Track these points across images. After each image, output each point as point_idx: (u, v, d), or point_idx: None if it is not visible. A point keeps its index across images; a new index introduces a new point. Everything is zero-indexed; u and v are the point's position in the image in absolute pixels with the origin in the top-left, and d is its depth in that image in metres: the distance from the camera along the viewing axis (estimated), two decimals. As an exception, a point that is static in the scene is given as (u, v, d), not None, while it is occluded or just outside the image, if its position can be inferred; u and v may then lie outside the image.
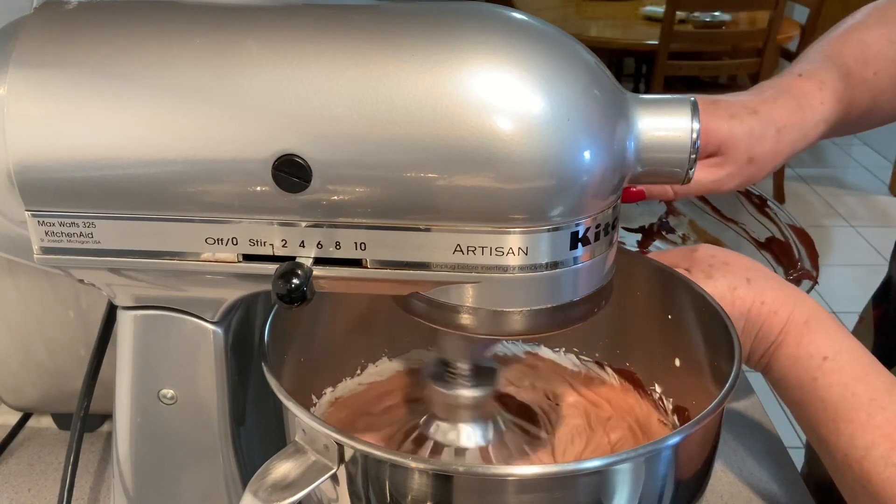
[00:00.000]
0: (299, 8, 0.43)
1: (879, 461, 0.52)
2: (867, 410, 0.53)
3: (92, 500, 0.69)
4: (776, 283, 0.60)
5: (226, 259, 0.43)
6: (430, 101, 0.38)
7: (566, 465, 0.48)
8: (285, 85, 0.39)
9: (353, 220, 0.41)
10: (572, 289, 0.43)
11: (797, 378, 0.56)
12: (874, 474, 0.52)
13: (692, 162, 0.42)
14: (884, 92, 0.70)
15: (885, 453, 0.52)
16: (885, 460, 0.52)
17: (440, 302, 0.43)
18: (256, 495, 0.43)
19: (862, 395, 0.53)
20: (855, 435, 0.53)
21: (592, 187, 0.40)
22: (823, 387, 0.55)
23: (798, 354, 0.56)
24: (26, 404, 0.74)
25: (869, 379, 0.54)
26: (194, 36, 0.41)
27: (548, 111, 0.39)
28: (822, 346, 0.55)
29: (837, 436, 0.54)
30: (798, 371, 0.56)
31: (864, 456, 0.52)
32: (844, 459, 0.54)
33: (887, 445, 0.52)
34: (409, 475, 0.43)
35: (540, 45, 0.40)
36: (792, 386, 0.56)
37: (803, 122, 0.68)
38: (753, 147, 0.66)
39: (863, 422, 0.53)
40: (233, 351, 0.50)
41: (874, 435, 0.52)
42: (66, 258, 0.44)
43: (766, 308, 0.58)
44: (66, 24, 0.42)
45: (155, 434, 0.51)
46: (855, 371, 0.55)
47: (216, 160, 0.40)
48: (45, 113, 0.41)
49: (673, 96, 0.43)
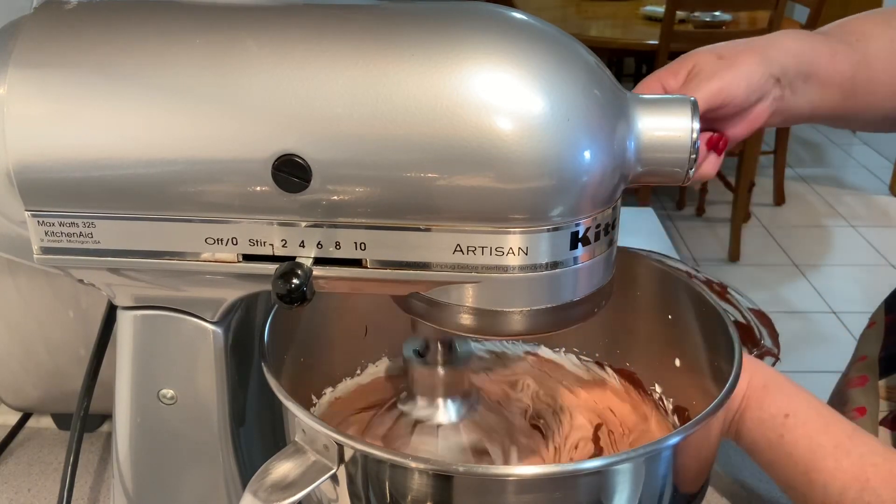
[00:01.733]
0: (299, 8, 0.43)
1: (855, 502, 0.54)
2: (834, 457, 0.55)
3: (92, 500, 0.69)
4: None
5: (226, 259, 0.43)
6: (430, 101, 0.38)
7: (566, 465, 0.48)
8: (285, 85, 0.39)
9: (353, 220, 0.41)
10: (572, 289, 0.43)
11: (765, 438, 0.58)
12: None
13: (692, 162, 0.42)
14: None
15: (856, 494, 0.54)
16: (858, 500, 0.54)
17: (440, 302, 0.43)
18: (256, 495, 0.43)
19: (827, 444, 0.56)
20: (827, 483, 0.55)
21: (592, 187, 0.40)
22: (790, 442, 0.57)
23: (762, 416, 0.58)
24: (26, 404, 0.74)
25: (830, 429, 0.57)
26: (194, 36, 0.41)
27: (548, 111, 0.38)
28: (782, 406, 0.58)
29: (811, 487, 0.56)
30: (764, 431, 0.58)
31: (839, 500, 0.55)
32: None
33: (857, 487, 0.54)
34: (409, 475, 0.43)
35: (540, 45, 0.40)
36: (762, 448, 0.59)
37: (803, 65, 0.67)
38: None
39: (831, 469, 0.55)
40: (233, 351, 0.50)
41: (844, 479, 0.55)
42: (66, 258, 0.44)
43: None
44: (66, 24, 0.42)
45: (155, 434, 0.51)
46: (816, 423, 0.57)
47: (216, 160, 0.40)
48: (45, 113, 0.41)
49: (673, 96, 0.43)
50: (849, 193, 3.60)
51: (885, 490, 0.53)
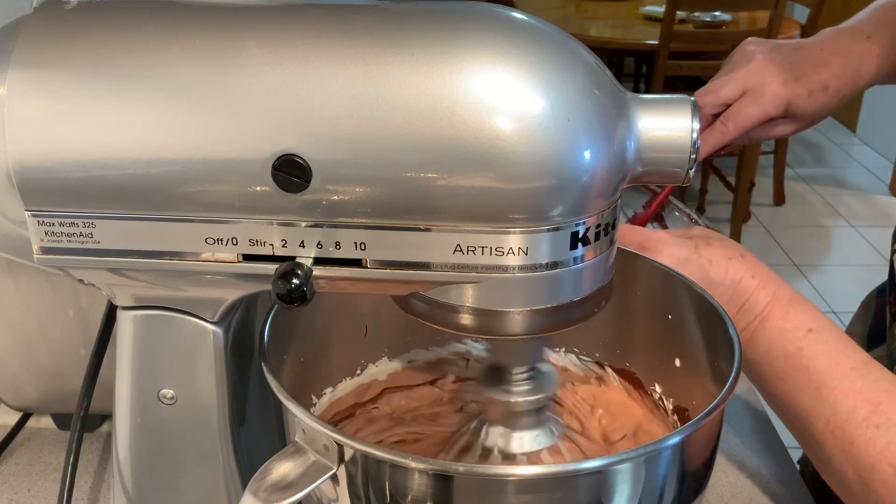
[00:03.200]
0: (299, 8, 0.43)
1: (861, 423, 0.55)
2: (849, 378, 0.56)
3: (92, 500, 0.69)
4: (764, 265, 0.64)
5: (226, 259, 0.43)
6: (430, 101, 0.38)
7: (566, 465, 0.48)
8: (285, 85, 0.39)
9: (353, 220, 0.41)
10: (572, 289, 0.43)
11: (783, 348, 0.59)
12: (857, 436, 0.55)
13: (692, 162, 0.42)
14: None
15: (866, 415, 0.55)
16: (867, 421, 0.55)
17: (440, 302, 0.43)
18: (256, 495, 0.43)
19: (844, 364, 0.57)
20: (838, 400, 0.56)
21: (592, 187, 0.40)
22: (809, 356, 0.58)
23: (784, 327, 0.59)
24: (26, 404, 0.74)
25: (849, 352, 0.58)
26: (194, 36, 0.41)
27: (548, 111, 0.38)
28: (806, 320, 0.59)
29: (821, 403, 0.57)
30: (784, 342, 0.59)
31: (846, 420, 0.55)
32: (826, 426, 0.57)
33: (868, 408, 0.55)
34: (409, 475, 0.43)
35: (540, 45, 0.40)
36: (777, 357, 0.59)
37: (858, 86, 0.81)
38: (818, 116, 0.80)
39: (845, 388, 0.56)
40: (233, 351, 0.50)
41: (856, 400, 0.55)
42: (66, 258, 0.44)
43: (755, 282, 0.61)
44: (66, 24, 0.42)
45: (155, 434, 0.51)
46: (837, 344, 0.58)
47: (216, 160, 0.40)
48: (45, 113, 0.41)
49: (673, 96, 0.43)
50: (849, 193, 3.60)
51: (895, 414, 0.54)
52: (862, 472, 0.55)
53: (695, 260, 0.62)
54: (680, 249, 0.63)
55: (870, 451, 0.54)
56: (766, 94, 0.77)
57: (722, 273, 0.62)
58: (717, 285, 0.62)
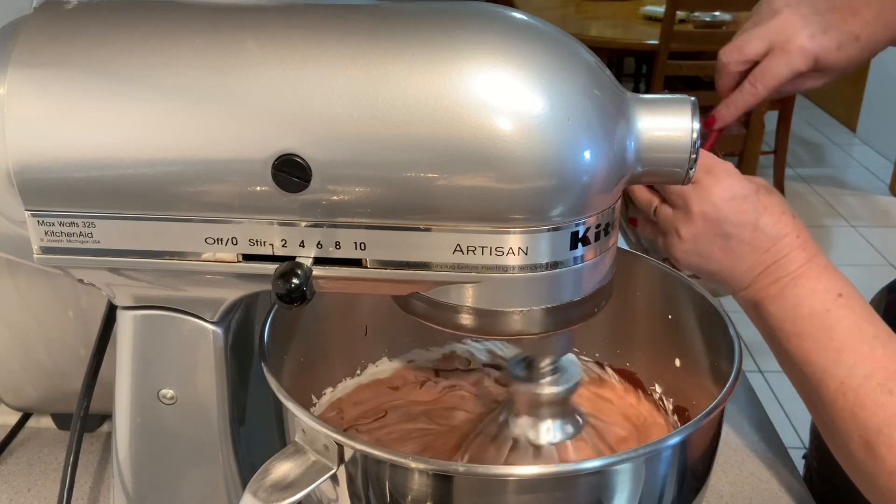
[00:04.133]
0: (299, 8, 0.43)
1: (876, 388, 0.56)
2: (870, 344, 0.58)
3: (92, 500, 0.69)
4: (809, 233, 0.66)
5: (226, 259, 0.43)
6: (430, 101, 0.38)
7: (566, 465, 0.48)
8: (285, 85, 0.39)
9: (353, 220, 0.41)
10: (572, 289, 0.43)
11: (810, 307, 0.61)
12: (869, 400, 0.56)
13: (692, 162, 0.42)
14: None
15: (882, 381, 0.57)
16: (882, 387, 0.56)
17: (440, 302, 0.43)
18: (256, 495, 0.43)
19: (868, 331, 0.59)
20: (856, 364, 0.58)
21: (592, 187, 0.40)
22: (835, 317, 0.60)
23: (816, 287, 0.61)
24: (26, 404, 0.74)
25: (875, 321, 0.60)
26: (194, 36, 0.41)
27: (548, 111, 0.38)
28: (838, 286, 0.61)
29: (838, 364, 0.58)
30: (813, 302, 0.61)
31: (861, 383, 0.57)
32: (840, 388, 0.58)
33: (885, 375, 0.57)
34: (409, 475, 0.43)
35: (540, 45, 0.40)
36: (802, 315, 0.61)
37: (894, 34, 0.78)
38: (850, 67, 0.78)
39: (865, 353, 0.58)
40: (233, 351, 0.50)
41: (874, 366, 0.57)
42: (66, 258, 0.44)
43: (798, 241, 0.63)
44: (66, 24, 0.42)
45: (155, 434, 0.51)
46: (863, 312, 0.60)
47: (216, 160, 0.40)
48: (45, 113, 0.41)
49: (673, 96, 0.43)
50: (849, 193, 3.60)
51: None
52: (868, 436, 0.56)
53: (752, 200, 0.63)
54: (742, 185, 0.63)
55: (880, 415, 0.56)
56: (793, 50, 0.74)
57: (772, 223, 0.63)
58: (762, 232, 0.62)
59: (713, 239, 0.63)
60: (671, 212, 0.64)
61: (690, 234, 0.62)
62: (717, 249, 0.62)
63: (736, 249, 0.63)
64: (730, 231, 0.62)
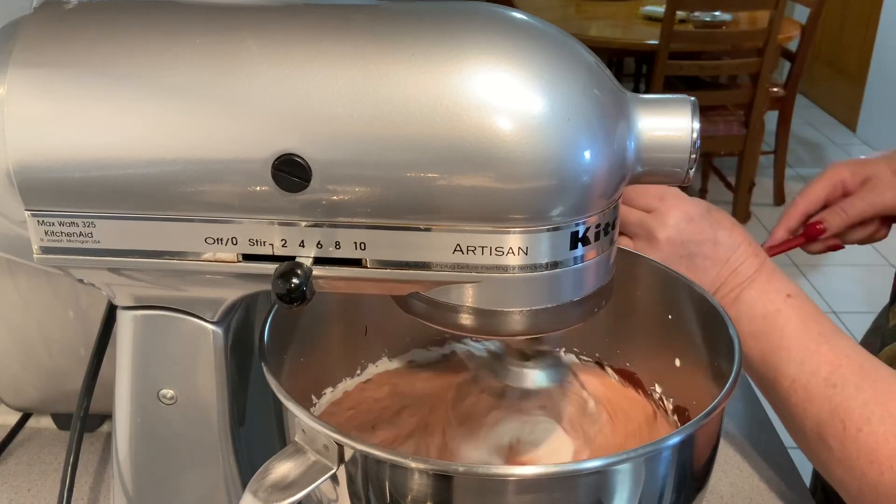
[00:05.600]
0: (299, 8, 0.43)
1: (822, 382, 0.60)
2: (816, 341, 0.62)
3: (92, 500, 0.69)
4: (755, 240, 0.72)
5: (226, 259, 0.43)
6: (430, 100, 0.38)
7: (566, 465, 0.48)
8: (285, 85, 0.39)
9: (353, 220, 0.41)
10: (572, 289, 0.43)
11: (763, 308, 0.65)
12: (816, 394, 0.61)
13: (692, 162, 0.42)
14: None
15: (825, 375, 0.60)
16: (826, 381, 0.60)
17: (440, 302, 0.43)
18: (256, 495, 0.43)
19: (813, 329, 0.63)
20: (804, 360, 0.62)
21: (592, 187, 0.40)
22: (785, 317, 0.64)
23: (768, 289, 0.66)
24: (26, 404, 0.74)
25: (819, 319, 0.64)
26: (194, 35, 0.41)
27: (548, 111, 0.38)
28: (786, 287, 0.66)
29: (789, 361, 0.63)
30: (765, 302, 0.65)
31: (809, 379, 0.61)
32: (791, 385, 0.62)
33: (828, 369, 0.61)
34: (409, 475, 0.43)
35: (540, 45, 0.40)
36: (756, 316, 0.65)
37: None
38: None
39: (811, 350, 0.62)
40: (233, 351, 0.50)
41: (819, 361, 0.61)
42: (66, 258, 0.44)
43: (751, 249, 0.69)
44: (66, 23, 0.42)
45: (155, 434, 0.51)
46: (810, 311, 0.65)
47: (216, 160, 0.40)
48: (45, 113, 0.41)
49: (673, 96, 0.43)
50: (849, 193, 3.59)
51: (852, 376, 0.60)
52: (818, 428, 0.60)
53: (707, 217, 0.69)
54: (694, 206, 0.69)
55: (825, 407, 0.60)
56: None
57: (727, 235, 0.68)
58: (721, 245, 0.68)
59: (680, 260, 0.68)
60: (635, 243, 0.70)
61: (660, 259, 0.65)
62: (684, 269, 0.66)
63: (700, 265, 0.68)
64: (694, 250, 0.68)
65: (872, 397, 0.58)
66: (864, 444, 0.57)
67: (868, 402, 0.58)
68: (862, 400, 0.58)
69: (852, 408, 0.58)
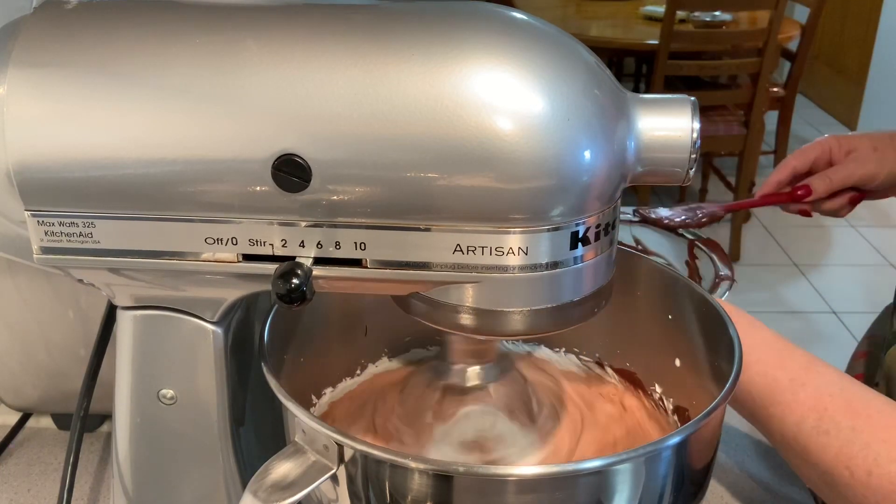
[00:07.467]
0: (299, 8, 0.43)
1: (811, 432, 0.57)
2: (790, 391, 0.59)
3: (92, 500, 0.69)
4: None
5: (226, 259, 0.43)
6: (430, 100, 0.38)
7: (566, 465, 0.48)
8: (285, 85, 0.39)
9: (353, 220, 0.41)
10: (572, 289, 0.43)
11: None
12: (809, 445, 0.57)
13: (692, 162, 0.42)
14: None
15: (814, 423, 0.57)
16: (817, 429, 0.57)
17: (440, 302, 0.43)
18: (256, 495, 0.43)
19: (782, 378, 0.59)
20: (784, 416, 0.58)
21: (592, 187, 0.40)
22: (747, 381, 0.60)
23: None
24: (26, 404, 0.74)
25: (785, 364, 0.60)
26: (194, 36, 0.41)
27: (548, 111, 0.38)
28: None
29: (770, 420, 0.60)
30: None
31: (796, 432, 0.58)
32: (782, 440, 0.59)
33: (814, 416, 0.57)
34: (409, 475, 0.43)
35: (540, 45, 0.40)
36: None
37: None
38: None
39: (788, 402, 0.58)
40: (233, 351, 0.50)
41: (801, 410, 0.58)
42: (66, 258, 0.44)
43: None
44: (66, 23, 0.42)
45: (155, 434, 0.51)
46: (770, 359, 0.60)
47: (216, 160, 0.40)
48: (45, 113, 0.41)
49: (673, 96, 0.43)
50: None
51: (843, 418, 0.56)
52: (825, 478, 0.57)
53: None
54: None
55: (825, 458, 0.56)
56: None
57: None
58: None
59: None
60: None
61: None
62: None
63: None
64: None
65: (872, 437, 0.55)
66: (877, 488, 0.54)
67: (869, 443, 0.55)
68: (862, 442, 0.55)
69: (854, 453, 0.55)
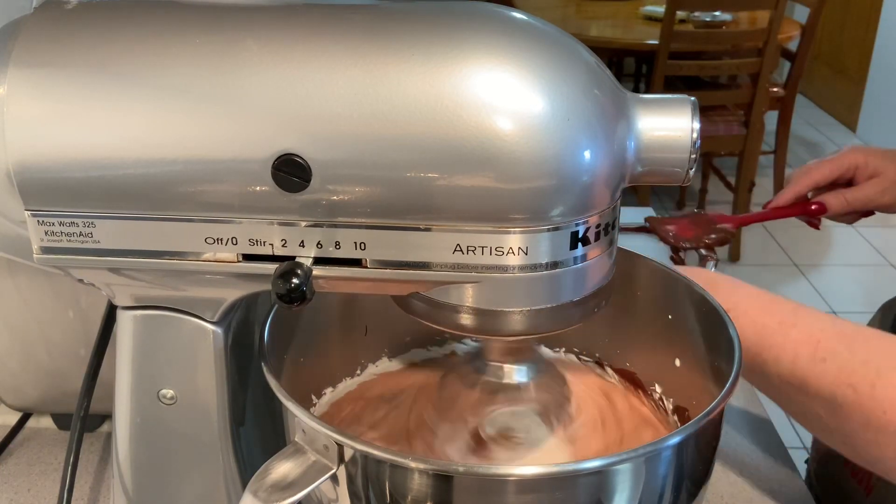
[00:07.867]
0: (299, 8, 0.43)
1: (808, 363, 0.57)
2: (780, 333, 0.59)
3: (92, 500, 0.69)
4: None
5: (226, 259, 0.43)
6: (430, 100, 0.38)
7: (566, 465, 0.48)
8: (285, 85, 0.39)
9: (353, 220, 0.41)
10: (572, 289, 0.43)
11: None
12: (808, 376, 0.57)
13: (692, 162, 0.42)
14: None
15: (809, 355, 0.57)
16: (812, 359, 0.57)
17: (440, 302, 0.43)
18: (256, 495, 0.43)
19: (770, 323, 0.60)
20: (778, 357, 0.59)
21: (592, 187, 0.40)
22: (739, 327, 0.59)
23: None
24: (26, 404, 0.74)
25: (772, 309, 0.61)
26: (194, 36, 0.41)
27: (548, 111, 0.38)
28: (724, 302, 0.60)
29: (765, 366, 0.60)
30: None
31: (792, 368, 0.58)
32: (780, 381, 0.59)
33: (809, 349, 0.57)
34: (409, 475, 0.43)
35: (540, 45, 0.40)
36: None
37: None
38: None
39: (780, 343, 0.59)
40: (233, 351, 0.50)
41: (794, 346, 0.58)
42: (66, 258, 0.44)
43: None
44: (66, 23, 0.42)
45: (155, 434, 0.51)
46: (757, 308, 0.61)
47: (216, 160, 0.40)
48: (45, 113, 0.41)
49: (673, 96, 0.43)
50: (849, 193, 3.59)
51: (838, 344, 0.57)
52: (829, 406, 0.57)
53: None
54: None
55: (825, 382, 0.57)
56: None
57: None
58: None
59: None
60: None
61: None
62: None
63: None
64: None
65: (870, 354, 0.55)
66: (882, 398, 0.54)
67: (867, 359, 0.55)
68: (860, 360, 0.55)
69: (855, 369, 0.55)
